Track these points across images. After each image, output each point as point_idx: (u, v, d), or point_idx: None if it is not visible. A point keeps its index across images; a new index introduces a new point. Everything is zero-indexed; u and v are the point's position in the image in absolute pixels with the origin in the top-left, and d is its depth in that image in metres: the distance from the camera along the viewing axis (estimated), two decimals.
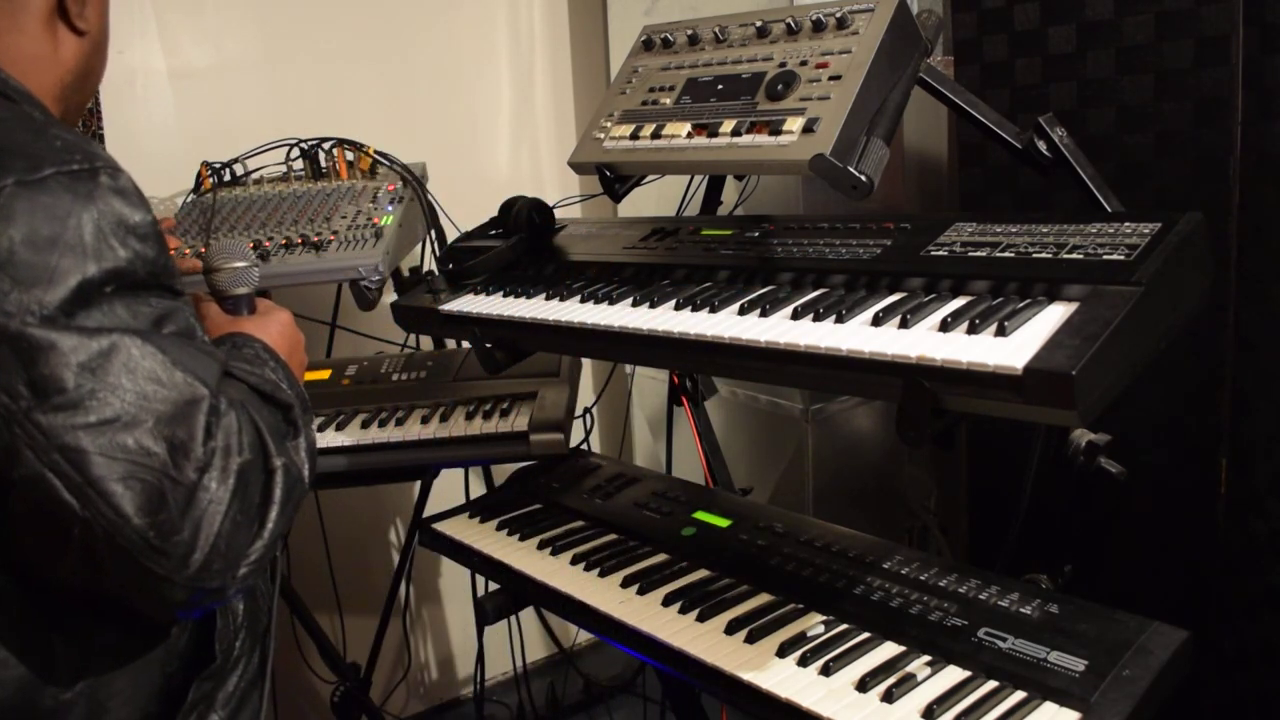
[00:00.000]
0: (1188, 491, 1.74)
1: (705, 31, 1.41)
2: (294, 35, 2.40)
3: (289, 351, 1.10)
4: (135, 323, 0.84)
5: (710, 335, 1.15)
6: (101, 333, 0.80)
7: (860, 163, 1.15)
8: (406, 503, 2.69)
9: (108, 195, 0.85)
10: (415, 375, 1.97)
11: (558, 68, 2.84)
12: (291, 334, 1.15)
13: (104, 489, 0.77)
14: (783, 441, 2.42)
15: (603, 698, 2.78)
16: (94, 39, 1.04)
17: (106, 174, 0.86)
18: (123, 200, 0.86)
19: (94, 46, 1.05)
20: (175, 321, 0.89)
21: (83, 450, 0.77)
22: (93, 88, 1.10)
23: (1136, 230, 1.05)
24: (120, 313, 0.83)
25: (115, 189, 0.86)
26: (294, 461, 0.92)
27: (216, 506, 0.82)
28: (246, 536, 0.85)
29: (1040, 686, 1.05)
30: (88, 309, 0.81)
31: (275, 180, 2.11)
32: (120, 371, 0.80)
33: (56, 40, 1.00)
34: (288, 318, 1.16)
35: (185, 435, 0.81)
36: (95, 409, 0.78)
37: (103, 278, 0.82)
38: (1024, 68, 1.83)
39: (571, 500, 1.67)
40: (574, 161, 1.45)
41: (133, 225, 0.86)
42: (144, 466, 0.79)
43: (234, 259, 1.18)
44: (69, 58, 1.02)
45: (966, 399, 0.96)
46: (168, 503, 0.79)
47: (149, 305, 0.87)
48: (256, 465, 0.86)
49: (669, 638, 1.22)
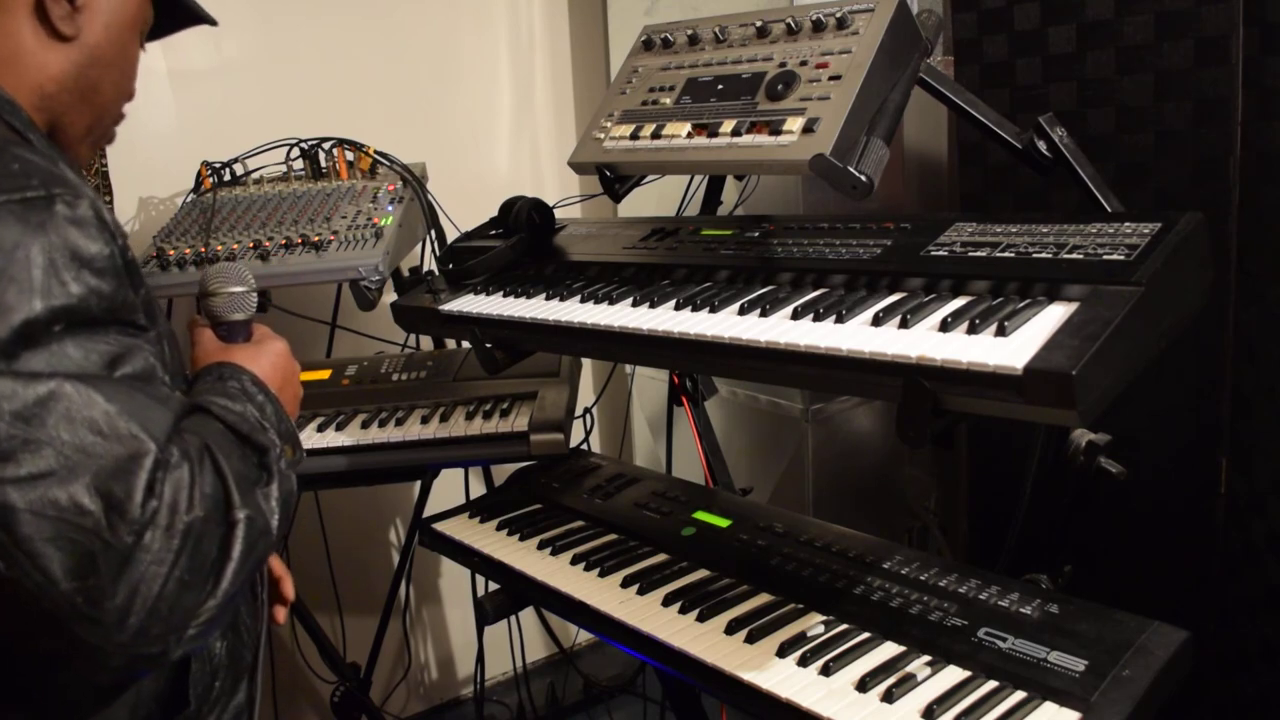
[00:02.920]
0: (1188, 491, 1.74)
1: (705, 31, 1.41)
2: (294, 35, 2.40)
3: (280, 384, 1.05)
4: (86, 364, 0.79)
5: (710, 335, 1.14)
6: (42, 377, 0.75)
7: (860, 163, 1.15)
8: (406, 503, 2.69)
9: (62, 225, 0.80)
10: (415, 375, 1.97)
11: (558, 68, 2.84)
12: (285, 365, 1.09)
13: (31, 549, 0.72)
14: (783, 441, 2.42)
15: (603, 698, 2.77)
16: (90, 51, 0.98)
17: (63, 202, 0.81)
18: (79, 230, 0.81)
19: (90, 59, 0.99)
20: (132, 362, 0.83)
21: (10, 506, 0.72)
22: (102, 109, 1.04)
23: (1136, 230, 1.05)
24: (71, 353, 0.78)
25: (72, 218, 0.81)
26: (261, 512, 0.86)
27: (157, 568, 0.76)
28: (196, 596, 0.79)
29: (1040, 686, 1.04)
30: (32, 349, 0.76)
31: (275, 180, 2.11)
32: (59, 421, 0.74)
33: (36, 42, 0.95)
34: (283, 347, 1.11)
35: (123, 493, 0.75)
36: (27, 461, 0.73)
37: (50, 315, 0.77)
38: (1024, 68, 1.83)
39: (571, 500, 1.67)
40: (574, 161, 1.45)
41: (88, 257, 0.81)
42: (75, 526, 0.73)
43: (230, 283, 1.12)
44: (52, 64, 0.96)
45: (966, 399, 0.96)
46: (99, 566, 0.73)
47: (105, 344, 0.81)
48: (213, 519, 0.80)
49: (669, 638, 1.22)
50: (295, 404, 1.10)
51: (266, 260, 1.84)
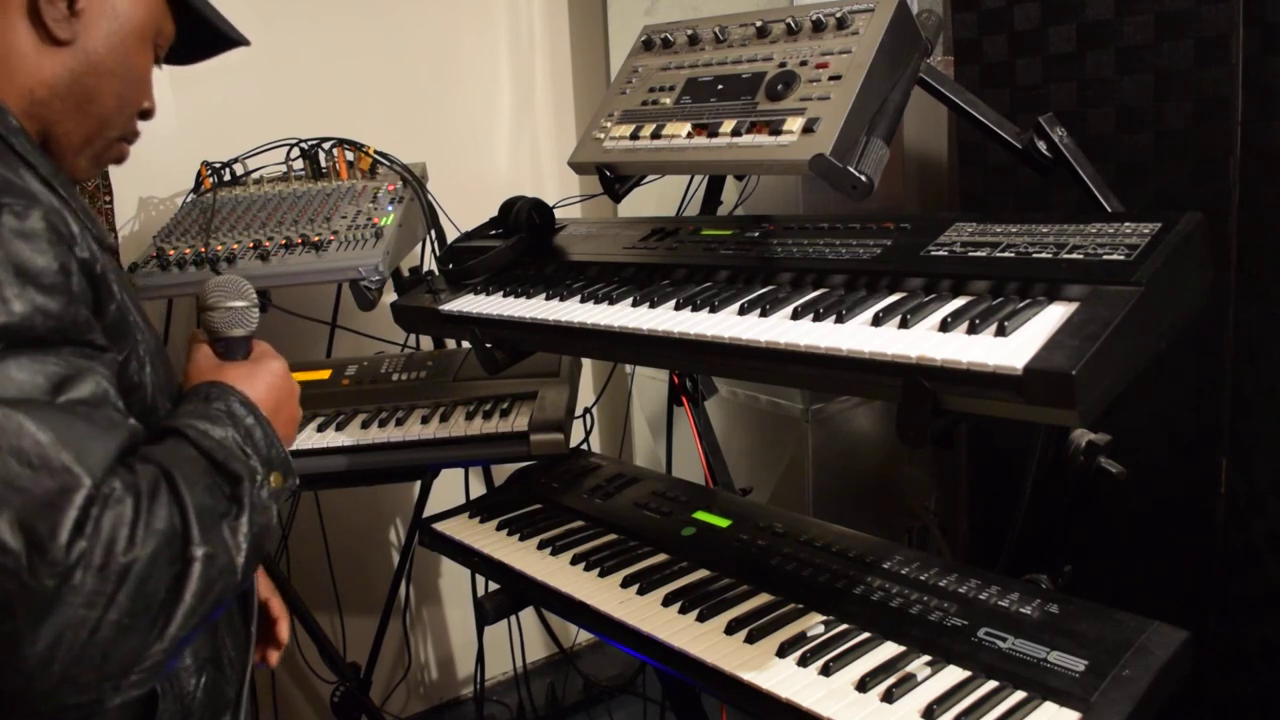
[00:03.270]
0: (1188, 491, 1.74)
1: (705, 31, 1.41)
2: (294, 35, 2.40)
3: (275, 406, 1.00)
4: (27, 388, 0.74)
5: (710, 335, 1.14)
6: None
7: (860, 163, 1.15)
8: (406, 503, 2.69)
9: (7, 237, 0.75)
10: (415, 375, 1.97)
11: (558, 68, 2.84)
12: (282, 386, 1.04)
13: None
14: (783, 441, 2.42)
15: (603, 698, 2.77)
16: (88, 58, 0.95)
17: (10, 213, 0.77)
18: (26, 243, 0.76)
19: (87, 66, 0.95)
20: (81, 386, 0.78)
21: None
22: (102, 121, 0.99)
23: (1136, 230, 1.05)
24: (13, 375, 0.73)
25: (19, 230, 0.76)
26: (224, 548, 0.80)
27: (87, 612, 0.70)
28: (139, 640, 0.73)
29: (1040, 686, 1.04)
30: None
31: (275, 180, 2.11)
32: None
33: (29, 44, 0.91)
34: (281, 367, 1.06)
35: (47, 531, 0.69)
36: None
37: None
38: (1024, 68, 1.83)
39: (571, 500, 1.67)
40: (574, 161, 1.45)
41: (34, 272, 0.76)
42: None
43: (230, 297, 1.07)
44: (45, 69, 0.92)
45: (966, 399, 0.96)
46: (15, 610, 0.68)
47: (51, 365, 0.76)
48: (162, 557, 0.74)
49: (669, 638, 1.22)
50: (292, 427, 1.05)
51: (266, 260, 1.84)
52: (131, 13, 0.98)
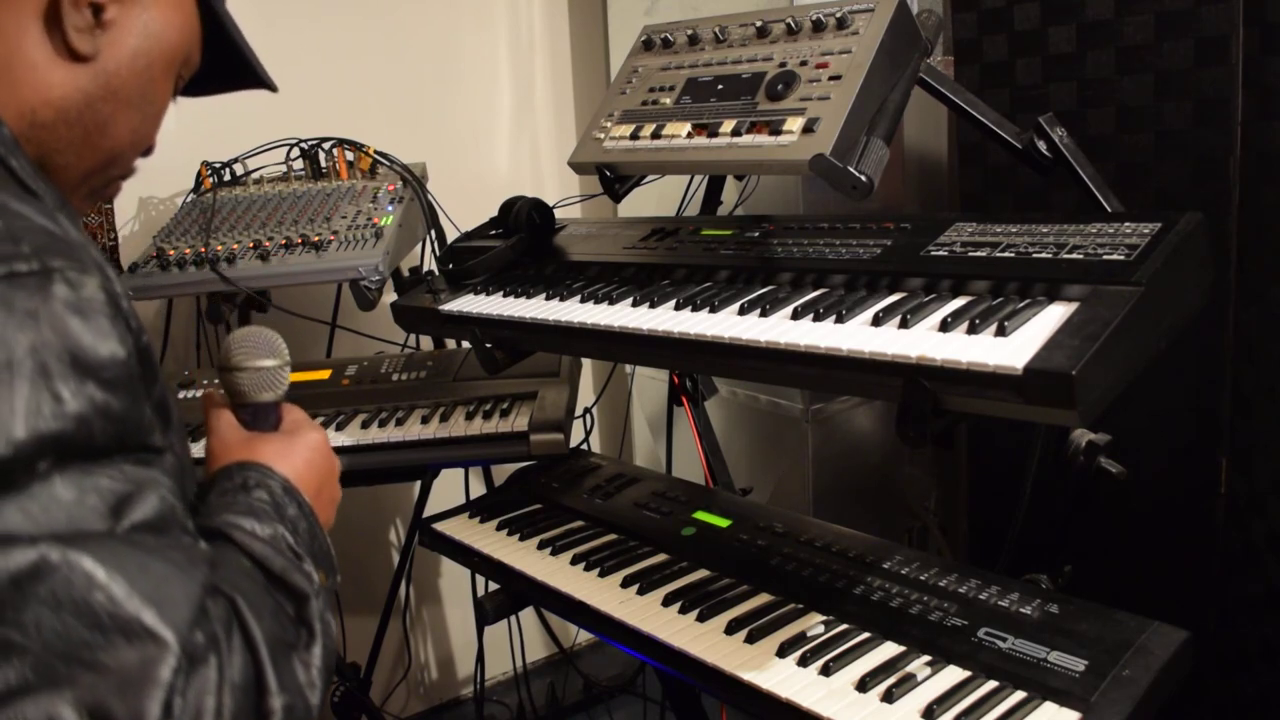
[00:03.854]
0: (1188, 491, 1.74)
1: (705, 31, 1.41)
2: (294, 35, 2.40)
3: (317, 488, 0.86)
4: (82, 515, 0.57)
5: (710, 335, 1.14)
6: (20, 542, 0.54)
7: (860, 163, 1.15)
8: (406, 503, 2.69)
9: (61, 314, 0.59)
10: (415, 375, 1.97)
11: (558, 68, 2.84)
12: (324, 464, 0.89)
13: None
14: (783, 441, 2.42)
15: (603, 698, 2.77)
16: (108, 81, 0.77)
17: (64, 281, 0.60)
18: (84, 322, 0.60)
19: (106, 90, 0.77)
20: (144, 504, 0.61)
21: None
22: (109, 157, 0.81)
23: (1136, 230, 1.05)
24: (61, 497, 0.57)
25: (74, 304, 0.60)
26: (298, 691, 0.65)
27: None
28: None
29: (1040, 686, 1.04)
30: (8, 496, 0.55)
31: (275, 180, 2.11)
32: (41, 606, 0.53)
33: (40, 53, 0.74)
34: (321, 440, 0.90)
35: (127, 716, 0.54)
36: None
37: (36, 446, 0.56)
38: (1024, 68, 1.83)
39: (571, 500, 1.67)
40: (574, 161, 1.45)
41: (94, 363, 0.59)
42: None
43: (259, 354, 0.91)
44: (56, 86, 0.74)
45: (966, 399, 0.96)
46: None
47: (107, 480, 0.60)
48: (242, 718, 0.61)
49: (669, 638, 1.22)
50: (332, 509, 0.91)
51: (266, 260, 1.84)
52: (165, 33, 0.81)
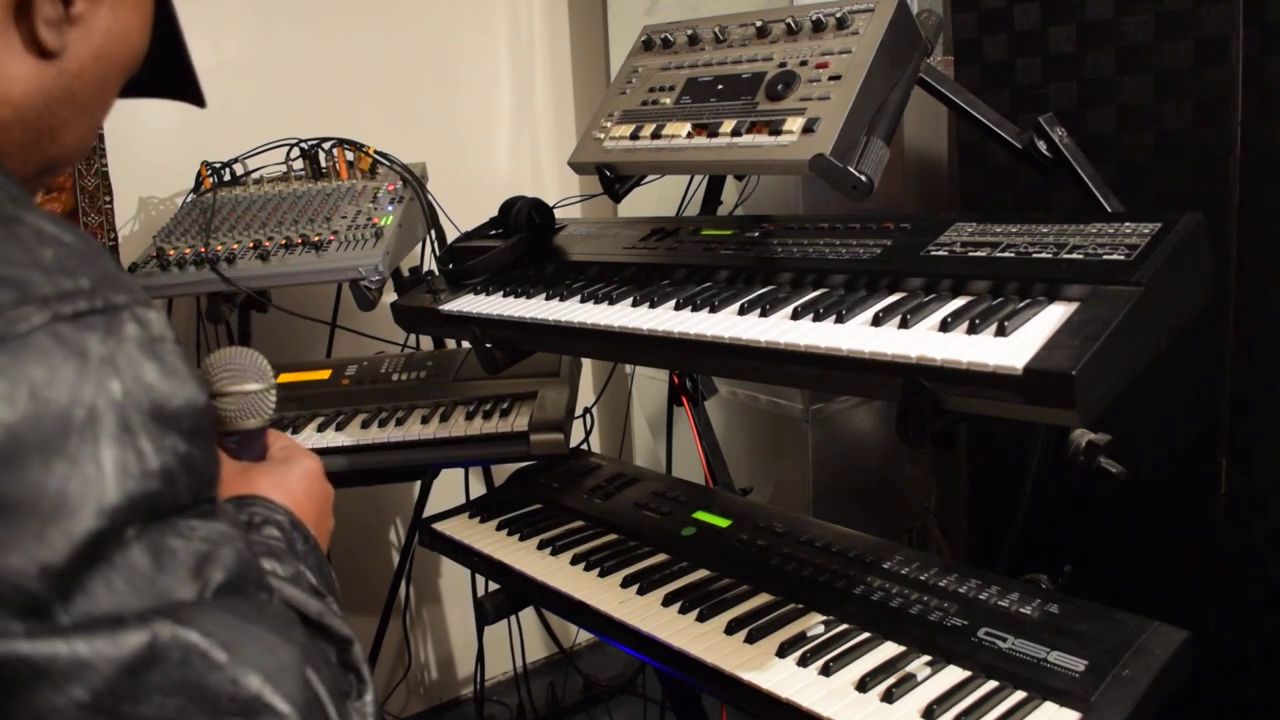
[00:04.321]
0: (1188, 491, 1.74)
1: (705, 31, 1.41)
2: (294, 35, 2.40)
3: (316, 518, 0.80)
4: (167, 582, 0.49)
5: (710, 335, 1.14)
6: (127, 624, 0.45)
7: (860, 163, 1.15)
8: (406, 503, 2.69)
9: (138, 359, 0.50)
10: (415, 375, 1.97)
11: (558, 68, 2.84)
12: (321, 491, 0.84)
13: None
14: (783, 441, 2.42)
15: (603, 698, 2.77)
16: (70, 81, 0.66)
17: (134, 318, 0.50)
18: (159, 366, 0.51)
19: (66, 91, 0.66)
20: (223, 560, 0.52)
21: None
22: (53, 163, 0.70)
23: (1136, 230, 1.05)
24: (140, 565, 0.47)
25: (148, 344, 0.50)
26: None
27: None
28: None
29: (1040, 686, 1.04)
30: (94, 573, 0.45)
31: (275, 180, 2.11)
32: (159, 695, 0.45)
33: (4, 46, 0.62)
34: (316, 467, 0.85)
35: None
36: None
37: (128, 513, 0.47)
38: (1024, 68, 1.83)
39: (571, 500, 1.67)
40: (574, 161, 1.45)
41: (174, 412, 0.50)
42: None
43: (245, 378, 0.84)
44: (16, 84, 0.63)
45: (966, 399, 0.96)
46: None
47: (184, 539, 0.50)
48: None
49: (669, 638, 1.22)
50: (328, 539, 0.85)
51: (266, 260, 1.84)
52: (128, 35, 0.71)
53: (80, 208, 2.19)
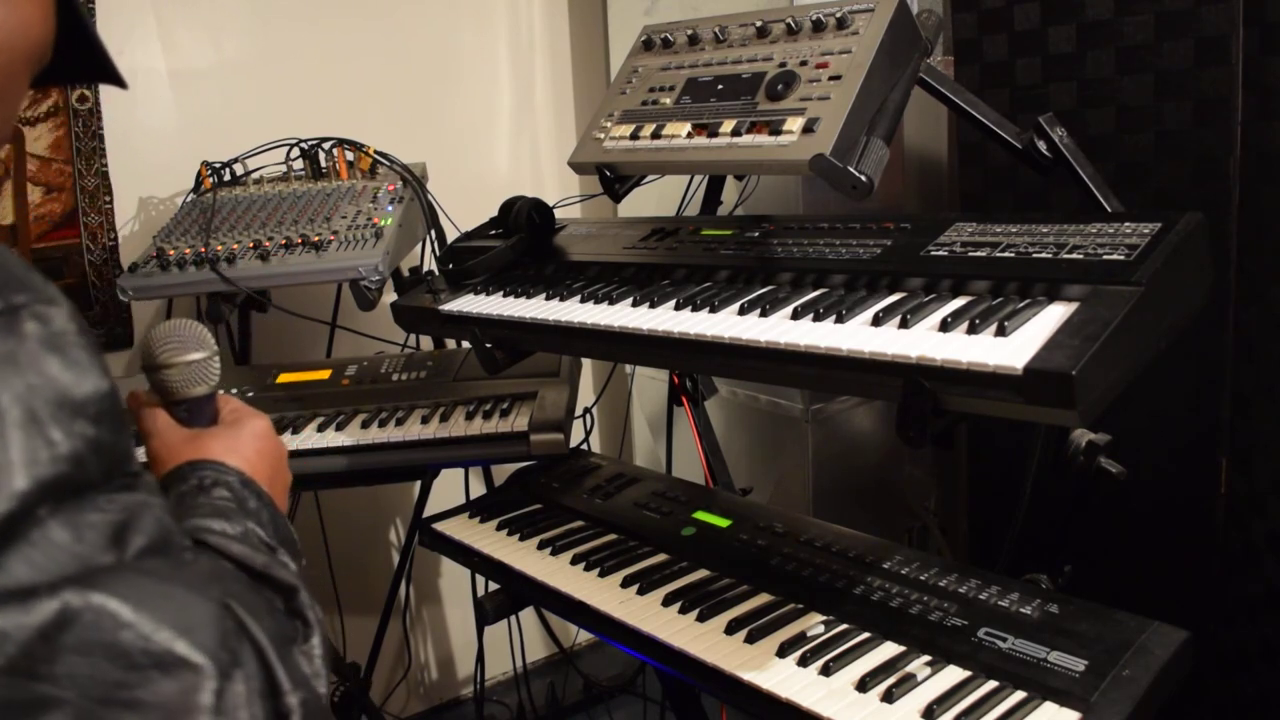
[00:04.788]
0: (1188, 491, 1.74)
1: (705, 31, 1.41)
2: (294, 35, 2.40)
3: (270, 476, 0.83)
4: (83, 550, 0.52)
5: (710, 335, 1.14)
6: (39, 594, 0.49)
7: (860, 163, 1.15)
8: (406, 503, 2.69)
9: (39, 354, 0.53)
10: (415, 375, 1.97)
11: (558, 68, 2.84)
12: (273, 450, 0.86)
13: None
14: (783, 441, 2.42)
15: (603, 698, 2.77)
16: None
17: (33, 316, 0.53)
18: (62, 360, 0.54)
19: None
20: (143, 526, 0.56)
21: None
22: None
23: (1136, 230, 1.05)
24: (58, 540, 0.51)
25: (48, 339, 0.54)
26: (310, 684, 0.62)
27: None
28: None
29: (1040, 686, 1.04)
30: (11, 551, 0.49)
31: (275, 180, 2.11)
32: (72, 654, 0.48)
33: None
34: (265, 426, 0.87)
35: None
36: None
37: (38, 494, 0.51)
38: (1024, 68, 1.83)
39: (571, 500, 1.67)
40: (574, 161, 1.45)
41: (81, 400, 0.54)
42: None
43: (188, 349, 0.86)
44: None
45: (966, 399, 0.96)
46: None
47: (100, 513, 0.54)
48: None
49: (669, 638, 1.22)
50: (285, 495, 0.87)
51: (266, 260, 1.84)
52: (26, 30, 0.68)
53: (80, 208, 2.19)
